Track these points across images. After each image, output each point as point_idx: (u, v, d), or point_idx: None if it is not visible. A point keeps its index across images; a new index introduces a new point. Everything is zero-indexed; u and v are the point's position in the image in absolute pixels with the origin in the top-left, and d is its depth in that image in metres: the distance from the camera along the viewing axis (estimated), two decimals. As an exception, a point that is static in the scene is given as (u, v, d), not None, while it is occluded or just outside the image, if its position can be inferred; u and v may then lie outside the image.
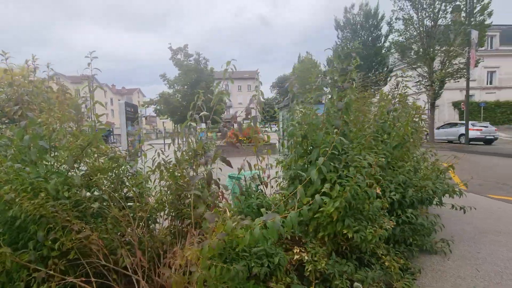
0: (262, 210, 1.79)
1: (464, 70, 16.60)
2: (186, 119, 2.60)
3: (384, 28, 26.48)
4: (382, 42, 26.69)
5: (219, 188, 2.06)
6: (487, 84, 34.31)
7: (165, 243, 2.48)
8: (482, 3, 15.67)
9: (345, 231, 2.17)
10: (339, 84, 2.25)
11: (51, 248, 1.90)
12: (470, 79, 16.37)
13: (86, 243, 1.95)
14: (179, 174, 2.59)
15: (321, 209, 2.20)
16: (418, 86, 17.52)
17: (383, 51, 26.03)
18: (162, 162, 2.62)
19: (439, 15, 17.00)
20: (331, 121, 2.22)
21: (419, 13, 17.43)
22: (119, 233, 2.28)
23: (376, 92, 3.59)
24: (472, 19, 15.81)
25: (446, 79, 16.79)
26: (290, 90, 2.75)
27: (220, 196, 2.07)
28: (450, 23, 16.25)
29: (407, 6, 17.58)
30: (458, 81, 16.89)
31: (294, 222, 1.44)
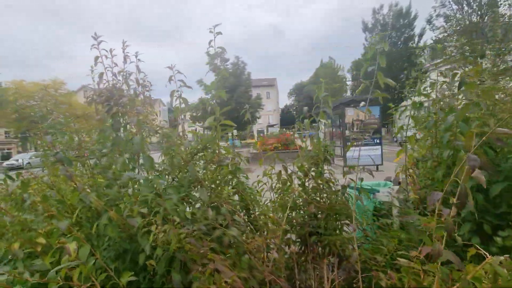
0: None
1: (518, 67, 15.14)
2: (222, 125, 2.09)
3: (418, 27, 25.23)
4: (416, 42, 25.39)
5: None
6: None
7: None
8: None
9: None
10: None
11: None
12: None
13: (227, 286, 1.37)
14: (310, 186, 2.00)
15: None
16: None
17: (417, 51, 24.69)
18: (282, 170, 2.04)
19: (486, 9, 15.75)
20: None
21: (463, 9, 16.25)
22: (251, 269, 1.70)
23: None
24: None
25: (500, 77, 15.36)
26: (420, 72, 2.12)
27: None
28: (504, 17, 14.98)
29: (449, 1, 16.47)
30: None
31: None
